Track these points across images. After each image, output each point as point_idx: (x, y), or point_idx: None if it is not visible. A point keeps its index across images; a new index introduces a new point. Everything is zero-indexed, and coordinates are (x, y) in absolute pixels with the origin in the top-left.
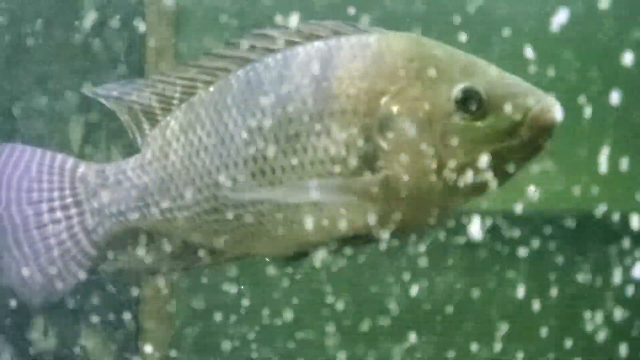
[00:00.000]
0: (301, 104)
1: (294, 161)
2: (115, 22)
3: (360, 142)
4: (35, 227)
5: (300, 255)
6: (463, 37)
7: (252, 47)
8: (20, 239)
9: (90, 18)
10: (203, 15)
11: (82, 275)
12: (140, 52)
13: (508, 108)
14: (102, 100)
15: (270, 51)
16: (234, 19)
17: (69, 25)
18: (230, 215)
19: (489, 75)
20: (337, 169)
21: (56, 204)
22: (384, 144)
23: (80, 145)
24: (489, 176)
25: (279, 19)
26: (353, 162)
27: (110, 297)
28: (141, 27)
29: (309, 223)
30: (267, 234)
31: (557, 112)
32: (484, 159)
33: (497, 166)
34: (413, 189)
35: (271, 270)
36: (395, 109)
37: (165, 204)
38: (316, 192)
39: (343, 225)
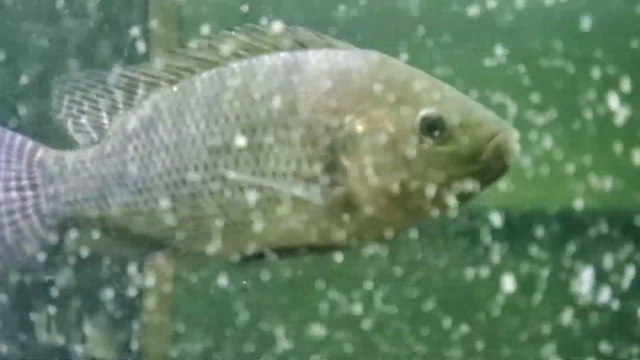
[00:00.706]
0: (265, 114)
1: (255, 170)
2: (118, 18)
3: (323, 158)
4: None
5: (255, 257)
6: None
7: (218, 50)
8: None
9: (93, 13)
10: (207, 10)
11: (31, 255)
12: (145, 46)
13: (469, 136)
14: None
15: (237, 56)
16: (238, 13)
17: (72, 20)
18: (186, 213)
19: (453, 101)
20: (301, 182)
21: (12, 183)
22: (345, 162)
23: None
24: (446, 199)
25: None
26: (314, 176)
27: (113, 293)
28: (144, 22)
29: (265, 226)
30: (222, 233)
31: (516, 143)
32: (441, 183)
33: (454, 190)
34: (371, 207)
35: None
36: (359, 128)
37: (121, 199)
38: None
39: (299, 233)
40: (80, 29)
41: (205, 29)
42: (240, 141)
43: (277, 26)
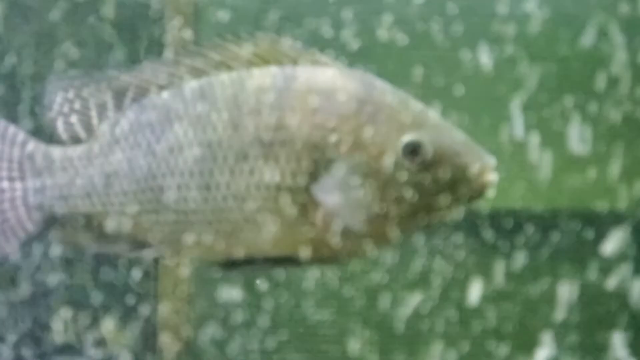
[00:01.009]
0: (252, 127)
1: (240, 182)
2: (134, 18)
3: (306, 174)
4: None
5: (232, 264)
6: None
7: (209, 59)
8: None
9: (109, 13)
10: (222, 10)
11: (15, 245)
12: (159, 47)
13: (448, 164)
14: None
15: (226, 67)
16: (252, 13)
17: (88, 19)
18: (169, 217)
19: (435, 128)
20: (281, 196)
21: (3, 173)
22: (328, 180)
23: None
24: (422, 221)
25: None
26: (297, 191)
27: (129, 289)
28: (160, 22)
29: (242, 235)
30: (204, 238)
31: (494, 173)
32: (418, 207)
33: (430, 213)
34: (351, 225)
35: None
36: (343, 148)
37: (106, 199)
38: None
39: (277, 245)
40: (99, 28)
41: (220, 31)
42: (225, 152)
43: (271, 39)
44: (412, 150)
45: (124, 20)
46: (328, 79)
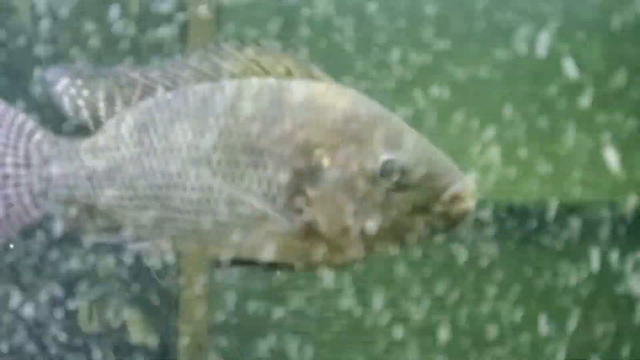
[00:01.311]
0: (245, 135)
1: (229, 186)
2: (159, 17)
3: (291, 185)
4: None
5: (221, 263)
6: None
7: (215, 65)
8: None
9: (134, 12)
10: (244, 10)
11: (17, 230)
12: (182, 46)
13: (426, 185)
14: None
15: (231, 74)
16: (274, 13)
17: (116, 18)
18: (168, 214)
19: (417, 148)
20: (267, 203)
21: (8, 160)
22: (310, 192)
23: None
24: (398, 239)
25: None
26: (281, 200)
27: (152, 280)
28: (184, 21)
29: (230, 238)
30: (196, 237)
31: (472, 197)
32: (394, 225)
33: (408, 232)
34: (330, 237)
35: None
36: (326, 162)
37: (109, 192)
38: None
39: (262, 251)
40: (121, 26)
41: (242, 30)
42: (219, 156)
43: (272, 49)
44: (390, 169)
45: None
46: (319, 94)
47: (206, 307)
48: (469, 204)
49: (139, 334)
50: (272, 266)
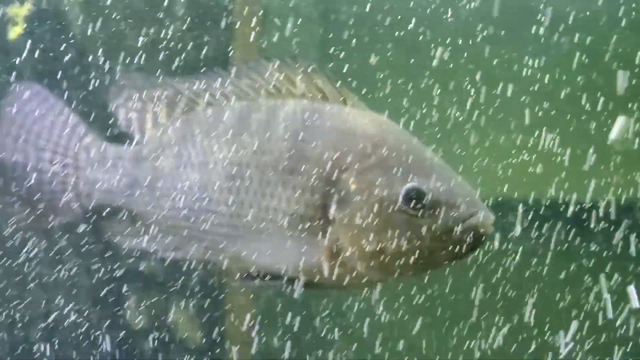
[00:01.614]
0: (278, 155)
1: (262, 203)
2: (204, 22)
3: (318, 205)
4: (34, 169)
5: (250, 277)
6: None
7: (253, 83)
8: (20, 175)
9: (179, 16)
10: (288, 15)
11: (55, 225)
12: (226, 51)
13: (447, 215)
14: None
15: (269, 94)
16: (318, 19)
17: (160, 24)
18: (200, 227)
19: (440, 178)
20: (294, 222)
21: (58, 157)
22: (336, 214)
23: None
24: (418, 265)
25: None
26: (307, 221)
27: (198, 278)
28: (228, 26)
29: (257, 256)
30: (225, 251)
31: (490, 227)
32: (414, 251)
33: (428, 257)
34: (352, 258)
35: None
36: (352, 186)
37: (148, 199)
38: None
39: (289, 268)
40: (166, 32)
41: (286, 35)
42: (252, 174)
43: (303, 65)
44: (413, 197)
45: (192, 18)
46: (350, 120)
47: (252, 305)
48: (488, 232)
49: (187, 331)
50: (296, 282)
